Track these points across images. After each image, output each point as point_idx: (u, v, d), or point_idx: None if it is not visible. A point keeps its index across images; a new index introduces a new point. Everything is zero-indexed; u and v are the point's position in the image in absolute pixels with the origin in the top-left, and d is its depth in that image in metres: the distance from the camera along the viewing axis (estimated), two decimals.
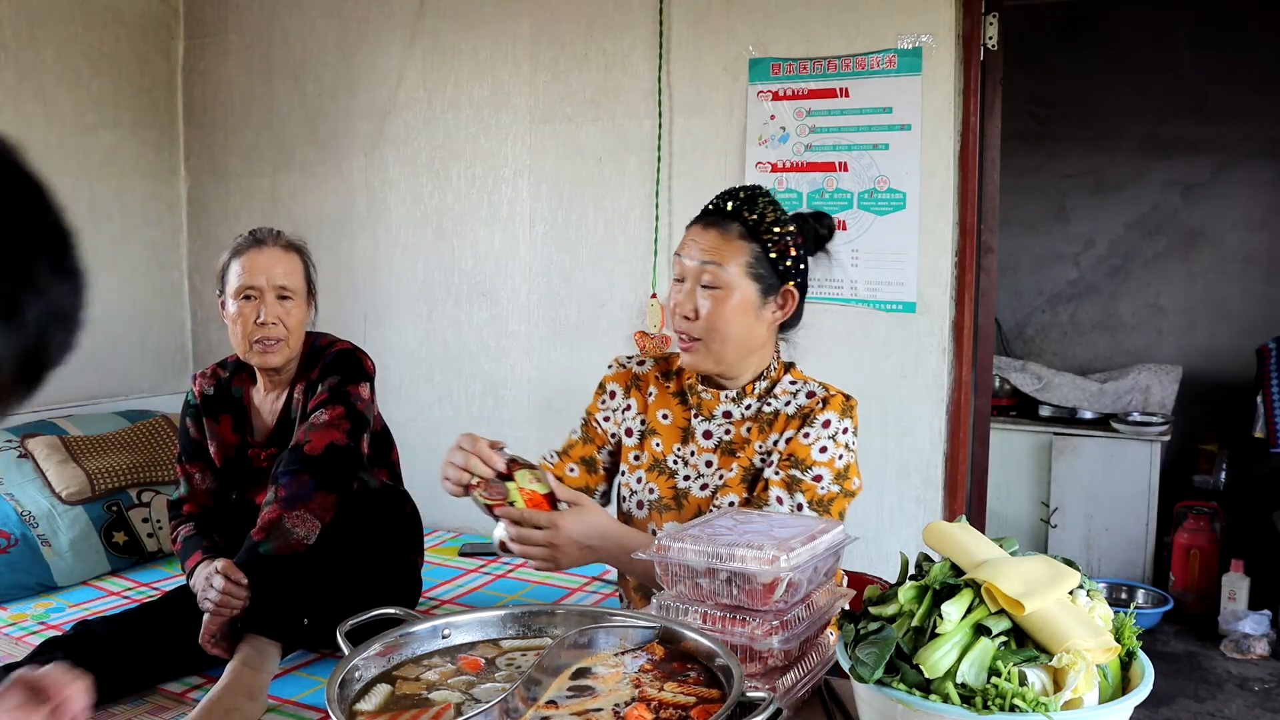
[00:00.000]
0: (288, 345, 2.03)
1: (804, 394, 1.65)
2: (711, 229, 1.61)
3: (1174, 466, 4.29)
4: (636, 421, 1.75)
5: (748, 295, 1.60)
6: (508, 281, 3.16)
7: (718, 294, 1.59)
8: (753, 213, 1.60)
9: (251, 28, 3.49)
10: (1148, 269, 4.76)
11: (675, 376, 1.76)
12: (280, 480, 1.83)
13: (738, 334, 1.61)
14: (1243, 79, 4.46)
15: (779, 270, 1.61)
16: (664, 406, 1.73)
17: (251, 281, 1.99)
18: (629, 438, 1.75)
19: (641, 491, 1.71)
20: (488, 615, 1.24)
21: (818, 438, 1.59)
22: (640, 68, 2.90)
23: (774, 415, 1.64)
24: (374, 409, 2.10)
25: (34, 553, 2.51)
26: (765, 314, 1.62)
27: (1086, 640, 0.98)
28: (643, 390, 1.77)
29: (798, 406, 1.63)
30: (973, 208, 2.58)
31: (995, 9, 2.56)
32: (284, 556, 1.75)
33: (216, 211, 3.60)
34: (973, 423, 2.66)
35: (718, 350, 1.62)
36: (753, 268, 1.59)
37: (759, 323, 1.62)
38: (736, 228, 1.60)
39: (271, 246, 2.03)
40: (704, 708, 1.01)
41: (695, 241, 1.62)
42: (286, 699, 1.81)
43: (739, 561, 1.17)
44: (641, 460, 1.73)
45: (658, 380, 1.77)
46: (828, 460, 1.58)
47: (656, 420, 1.73)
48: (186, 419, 2.15)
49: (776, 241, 1.60)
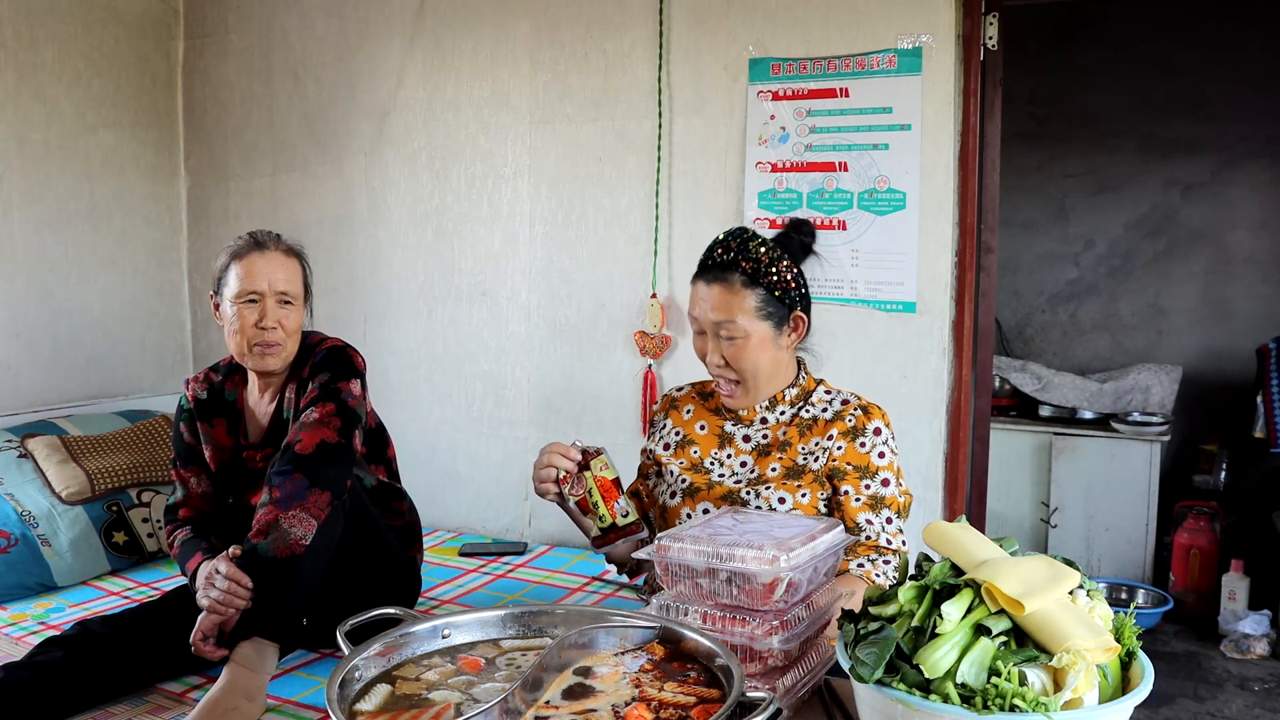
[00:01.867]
0: (286, 349, 2.03)
1: (839, 401, 1.81)
2: (715, 284, 1.74)
3: (1174, 466, 4.29)
4: (672, 435, 1.92)
5: (764, 334, 1.75)
6: (508, 281, 3.16)
7: (738, 342, 1.74)
8: (748, 260, 1.73)
9: (251, 28, 3.49)
10: (1148, 269, 4.76)
11: (712, 396, 1.91)
12: (274, 481, 1.83)
13: (766, 368, 1.78)
14: (1243, 79, 4.46)
15: (785, 303, 1.76)
16: (701, 419, 1.91)
17: (254, 286, 1.99)
18: (665, 451, 1.92)
19: (675, 483, 1.84)
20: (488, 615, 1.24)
21: (874, 445, 1.75)
22: (640, 68, 2.90)
23: (813, 420, 1.80)
24: (367, 405, 2.10)
25: (34, 553, 2.51)
26: (783, 342, 1.79)
27: (1086, 640, 0.98)
28: (679, 409, 1.95)
29: (835, 412, 1.79)
30: (973, 208, 2.58)
31: (995, 9, 2.56)
32: (283, 557, 1.74)
33: (216, 211, 3.60)
34: (973, 423, 2.66)
35: (753, 387, 1.80)
36: (761, 310, 1.73)
37: (780, 351, 1.79)
38: (738, 279, 1.73)
39: (273, 251, 2.03)
40: (704, 708, 1.01)
41: (704, 300, 1.75)
42: (286, 699, 1.81)
43: (739, 561, 1.17)
44: (677, 464, 1.88)
45: (694, 399, 1.95)
46: (887, 464, 1.75)
47: (694, 431, 1.90)
48: (180, 424, 2.15)
49: (777, 281, 1.74)
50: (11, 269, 3.10)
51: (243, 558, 1.77)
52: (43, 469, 2.68)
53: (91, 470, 2.71)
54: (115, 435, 2.91)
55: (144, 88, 3.49)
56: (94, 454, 2.79)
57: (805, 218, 1.95)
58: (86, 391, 3.30)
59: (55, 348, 3.23)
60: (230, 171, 3.57)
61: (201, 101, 3.59)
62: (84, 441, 2.82)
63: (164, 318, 3.58)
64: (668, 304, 2.90)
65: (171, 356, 3.62)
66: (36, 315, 3.17)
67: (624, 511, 1.66)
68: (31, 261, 3.15)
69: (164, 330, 3.58)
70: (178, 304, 3.64)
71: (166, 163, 3.59)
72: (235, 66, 3.53)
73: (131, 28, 3.43)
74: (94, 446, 2.82)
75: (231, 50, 3.53)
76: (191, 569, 1.96)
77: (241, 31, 3.51)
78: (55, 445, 2.76)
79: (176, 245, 3.63)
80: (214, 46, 3.56)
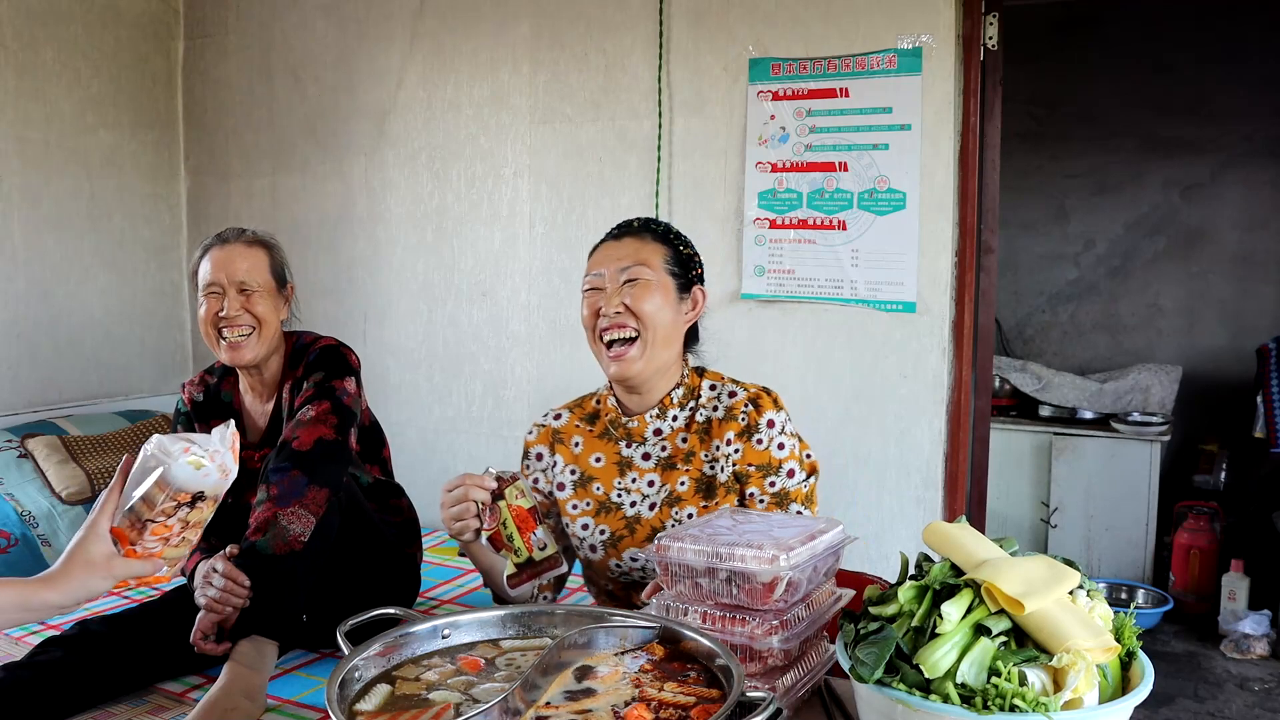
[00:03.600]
0: (258, 336, 2.03)
1: (726, 394, 1.71)
2: (625, 238, 1.70)
3: (1174, 466, 4.29)
4: (566, 474, 1.77)
5: (669, 288, 1.66)
6: (508, 281, 3.16)
7: (642, 284, 1.64)
8: (657, 225, 1.73)
9: (251, 28, 3.49)
10: (1148, 269, 4.76)
11: (596, 419, 1.79)
12: (271, 478, 1.83)
13: (666, 325, 1.65)
14: (1242, 79, 4.46)
15: (689, 272, 1.71)
16: (594, 451, 1.76)
17: (212, 278, 2.01)
18: (561, 491, 1.77)
19: (591, 536, 1.73)
20: (488, 615, 1.24)
21: (771, 439, 1.66)
22: (640, 68, 2.90)
23: (707, 422, 1.70)
24: (362, 403, 2.10)
25: (34, 553, 2.51)
26: (682, 311, 1.69)
27: (1086, 640, 0.98)
28: (566, 443, 1.78)
29: (726, 409, 1.69)
30: (973, 208, 2.58)
31: (995, 9, 2.56)
32: (282, 554, 1.74)
33: (216, 211, 3.60)
34: (973, 423, 2.66)
35: (651, 343, 1.65)
36: (669, 265, 1.68)
37: (678, 318, 1.69)
38: (648, 235, 1.70)
39: (234, 243, 2.05)
40: (704, 708, 1.01)
41: (609, 254, 1.69)
42: (286, 699, 1.81)
43: (739, 561, 1.17)
44: (581, 508, 1.74)
45: (579, 428, 1.79)
46: (787, 455, 1.67)
47: (589, 466, 1.75)
48: (178, 427, 2.16)
49: (685, 251, 1.72)
50: (11, 269, 3.10)
51: (241, 555, 1.77)
52: (43, 469, 2.68)
53: (91, 470, 2.72)
54: (115, 435, 2.91)
55: (144, 88, 3.49)
56: (94, 454, 2.79)
57: None
58: (86, 391, 3.30)
59: (55, 348, 3.23)
60: (230, 171, 3.57)
61: (201, 101, 3.59)
62: (84, 441, 2.82)
63: (164, 318, 3.58)
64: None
65: (171, 356, 3.62)
66: (36, 315, 3.17)
67: (541, 544, 1.47)
68: (31, 261, 3.15)
69: (164, 330, 3.58)
70: (178, 304, 3.64)
71: (166, 163, 3.59)
72: (235, 66, 3.53)
73: (131, 28, 3.43)
74: (94, 446, 2.82)
75: (231, 50, 3.53)
76: (190, 568, 1.96)
77: (241, 31, 3.51)
78: (55, 445, 2.76)
79: (176, 245, 3.63)
80: (214, 46, 3.56)
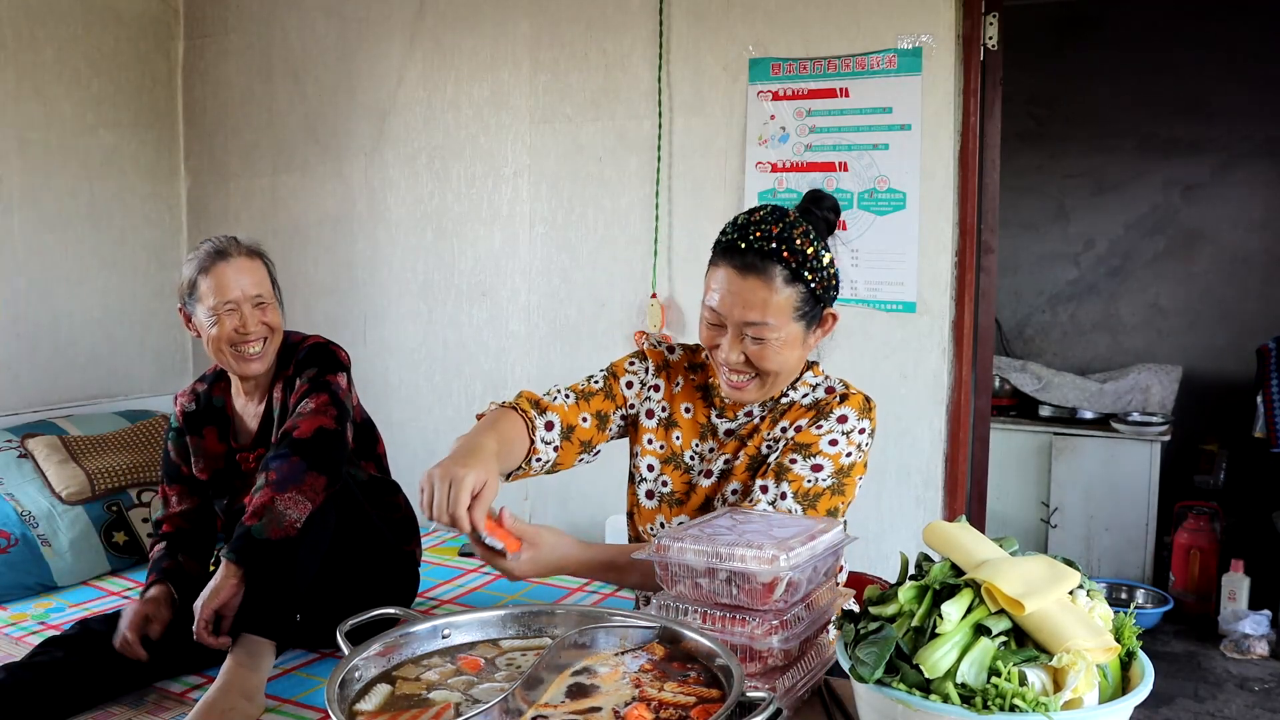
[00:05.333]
0: (272, 345, 2.06)
1: (823, 389, 1.61)
2: (751, 277, 1.46)
3: (1174, 466, 4.29)
4: (659, 406, 1.69)
5: (794, 334, 1.51)
6: (507, 281, 3.16)
7: (768, 343, 1.49)
8: (792, 251, 1.47)
9: (251, 28, 3.49)
10: (1148, 269, 4.76)
11: (701, 370, 1.70)
12: (271, 465, 1.83)
13: (789, 368, 1.56)
14: (1243, 79, 4.46)
15: (821, 302, 1.54)
16: (688, 400, 1.68)
17: (228, 296, 2.01)
18: (648, 419, 1.69)
19: (653, 482, 1.68)
20: (488, 615, 1.24)
21: (830, 430, 1.53)
22: (640, 68, 2.90)
23: (789, 405, 1.60)
24: (354, 399, 2.11)
25: (34, 553, 2.51)
26: (809, 341, 1.57)
27: (1086, 640, 0.98)
28: (671, 377, 1.70)
29: (814, 399, 1.59)
30: (973, 208, 2.58)
31: (995, 9, 2.56)
32: (277, 540, 1.74)
33: (216, 211, 3.60)
34: (973, 423, 2.66)
35: (769, 386, 1.56)
36: (799, 310, 1.50)
37: (804, 350, 1.57)
38: (779, 273, 1.46)
39: (236, 257, 2.04)
40: (704, 708, 1.01)
41: (734, 293, 1.48)
42: (286, 699, 1.81)
43: (739, 561, 1.17)
44: (656, 448, 1.68)
45: (685, 371, 1.70)
46: (834, 454, 1.52)
47: (679, 413, 1.67)
48: (168, 441, 2.17)
49: (819, 278, 1.50)
50: (11, 269, 3.10)
51: (236, 541, 1.76)
52: (43, 469, 2.68)
53: (91, 470, 2.71)
54: (115, 435, 2.91)
55: (144, 88, 3.49)
56: (94, 454, 2.79)
57: (822, 190, 1.64)
58: (86, 391, 3.30)
59: (55, 348, 3.23)
60: (230, 171, 3.57)
61: (201, 101, 3.59)
62: (84, 441, 2.82)
63: (164, 318, 3.58)
64: (668, 304, 2.90)
65: (171, 356, 3.62)
66: (36, 315, 3.17)
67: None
68: (31, 261, 3.15)
69: (164, 330, 3.58)
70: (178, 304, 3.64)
71: (166, 163, 3.59)
72: (235, 66, 3.53)
73: (131, 28, 3.43)
74: (94, 446, 2.82)
75: (231, 50, 3.53)
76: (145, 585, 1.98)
77: (241, 31, 3.51)
78: (55, 445, 2.76)
79: (176, 245, 3.63)
80: (214, 46, 3.56)
